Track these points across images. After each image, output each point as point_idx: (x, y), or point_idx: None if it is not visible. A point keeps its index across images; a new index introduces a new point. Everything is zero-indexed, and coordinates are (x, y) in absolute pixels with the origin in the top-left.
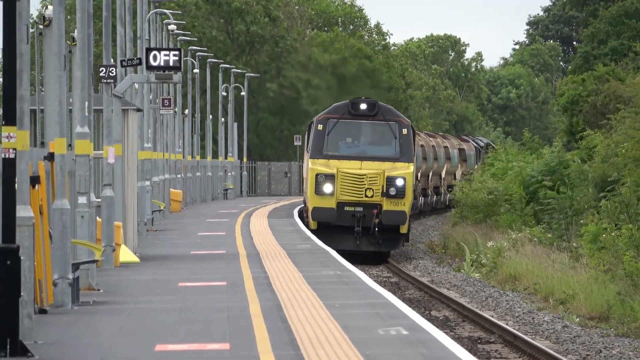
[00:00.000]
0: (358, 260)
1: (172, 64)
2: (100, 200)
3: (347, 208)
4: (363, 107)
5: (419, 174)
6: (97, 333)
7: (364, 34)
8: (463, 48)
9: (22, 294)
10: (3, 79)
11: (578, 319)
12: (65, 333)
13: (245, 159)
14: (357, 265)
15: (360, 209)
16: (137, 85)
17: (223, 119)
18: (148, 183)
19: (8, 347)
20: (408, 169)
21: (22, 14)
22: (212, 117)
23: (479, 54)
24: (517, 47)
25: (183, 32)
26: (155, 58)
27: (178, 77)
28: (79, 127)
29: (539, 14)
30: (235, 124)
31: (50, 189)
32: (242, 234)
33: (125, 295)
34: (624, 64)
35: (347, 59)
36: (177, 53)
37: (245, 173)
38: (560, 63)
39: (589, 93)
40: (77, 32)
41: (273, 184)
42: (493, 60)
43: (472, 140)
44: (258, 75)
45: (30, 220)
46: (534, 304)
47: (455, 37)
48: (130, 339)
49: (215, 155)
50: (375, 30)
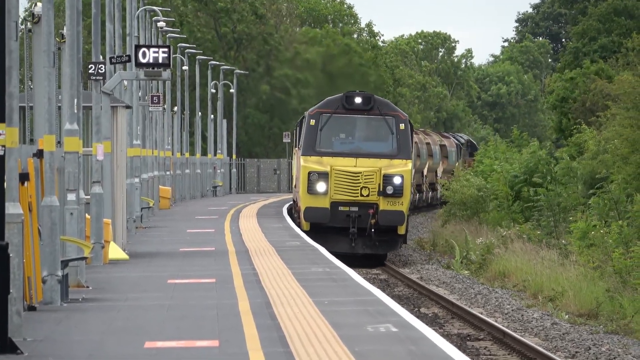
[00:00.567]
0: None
1: (161, 61)
2: (90, 197)
3: (341, 208)
4: (358, 100)
5: None
6: (86, 330)
7: (354, 31)
8: (453, 45)
9: (11, 291)
10: None
11: (567, 316)
12: (55, 330)
13: (235, 156)
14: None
15: (356, 209)
16: (126, 82)
17: (212, 116)
18: (137, 180)
19: None
20: (406, 166)
21: (11, 11)
22: (201, 114)
23: (469, 51)
24: (506, 44)
25: (172, 29)
26: (145, 55)
27: (167, 74)
28: (68, 124)
29: (528, 11)
30: (225, 121)
31: (40, 186)
32: (231, 231)
33: (115, 292)
34: (614, 61)
35: (335, 56)
36: (166, 50)
37: (235, 170)
38: (550, 60)
39: (579, 91)
40: (66, 29)
41: (262, 181)
42: (482, 58)
43: (452, 137)
44: (247, 73)
45: (19, 217)
46: (523, 301)
47: (446, 33)
48: (120, 336)
49: (204, 153)
50: (367, 30)
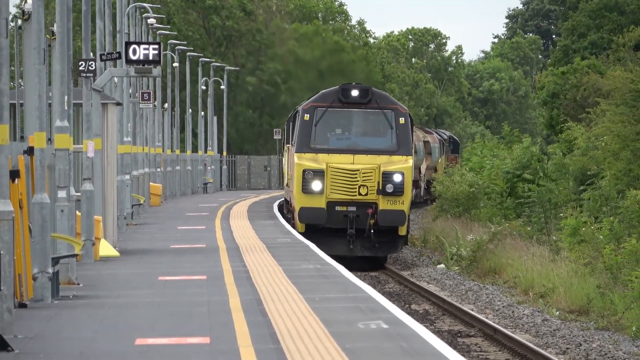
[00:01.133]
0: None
1: (151, 58)
2: (80, 194)
3: (338, 208)
4: (355, 93)
5: None
6: (77, 327)
7: (344, 28)
8: (444, 41)
9: (1, 288)
10: None
11: (558, 313)
12: (45, 327)
13: (225, 153)
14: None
15: (354, 209)
16: (116, 79)
17: (202, 113)
18: (128, 177)
19: None
20: (406, 163)
21: (1, 9)
22: (191, 111)
23: (459, 47)
24: (496, 40)
25: (162, 26)
26: (135, 52)
27: (157, 71)
28: (59, 121)
29: (518, 8)
30: (215, 118)
31: (30, 183)
32: (222, 228)
33: (105, 289)
34: (605, 57)
35: (325, 55)
36: (156, 47)
37: (225, 167)
38: (540, 57)
39: (569, 87)
40: (56, 26)
41: (253, 178)
42: (473, 54)
43: (435, 133)
44: (237, 69)
45: (10, 215)
46: (514, 298)
47: (436, 30)
48: (110, 333)
49: (195, 149)
50: (358, 28)
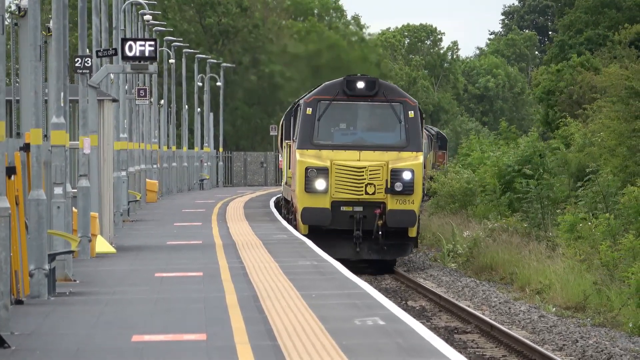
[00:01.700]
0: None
1: (147, 54)
2: (76, 191)
3: (344, 208)
4: (360, 85)
5: None
6: (73, 324)
7: (340, 25)
8: (439, 37)
9: None
10: None
11: (554, 309)
12: (42, 324)
13: (221, 149)
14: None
15: (360, 209)
16: (112, 76)
17: (199, 109)
18: (124, 173)
19: None
20: (416, 160)
21: None
22: (188, 107)
23: (455, 43)
24: (492, 37)
25: (158, 22)
26: (131, 48)
27: (154, 67)
28: (55, 117)
29: (514, 4)
30: (211, 114)
31: (26, 180)
32: (218, 225)
33: (102, 286)
34: (601, 54)
35: (321, 51)
36: (152, 43)
37: (222, 163)
38: (536, 53)
39: (565, 83)
40: (52, 22)
41: (249, 174)
42: (469, 50)
43: (424, 129)
44: (233, 66)
45: (6, 211)
46: (511, 294)
47: (432, 26)
48: (107, 330)
49: (191, 146)
50: (354, 23)
